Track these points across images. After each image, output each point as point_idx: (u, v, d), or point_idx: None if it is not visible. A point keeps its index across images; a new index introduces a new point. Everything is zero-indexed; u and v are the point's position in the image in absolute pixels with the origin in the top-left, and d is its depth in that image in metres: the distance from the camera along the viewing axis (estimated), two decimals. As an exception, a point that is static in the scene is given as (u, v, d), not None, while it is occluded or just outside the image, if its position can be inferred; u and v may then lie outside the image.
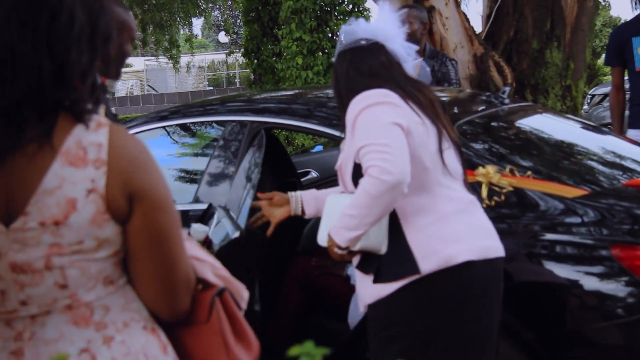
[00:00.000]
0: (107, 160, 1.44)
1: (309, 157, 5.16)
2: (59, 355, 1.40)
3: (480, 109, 3.75)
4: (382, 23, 2.58)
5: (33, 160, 1.41)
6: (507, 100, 3.98)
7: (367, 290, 2.44)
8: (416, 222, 2.38)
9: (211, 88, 28.09)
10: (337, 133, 3.26)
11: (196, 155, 4.26)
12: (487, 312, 2.40)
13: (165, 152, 4.31)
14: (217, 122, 4.01)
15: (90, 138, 1.45)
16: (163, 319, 1.60)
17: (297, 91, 4.74)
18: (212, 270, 1.67)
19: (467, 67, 6.38)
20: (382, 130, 2.30)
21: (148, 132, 4.03)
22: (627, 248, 2.72)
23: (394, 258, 2.37)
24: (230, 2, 21.22)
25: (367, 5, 11.02)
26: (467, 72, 6.38)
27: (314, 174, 5.02)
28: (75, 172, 1.43)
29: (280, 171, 4.18)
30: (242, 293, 1.73)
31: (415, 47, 2.64)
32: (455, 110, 3.63)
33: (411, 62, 2.58)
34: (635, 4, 19.16)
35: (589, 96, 11.26)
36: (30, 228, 1.42)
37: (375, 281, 2.40)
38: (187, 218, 3.50)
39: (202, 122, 4.09)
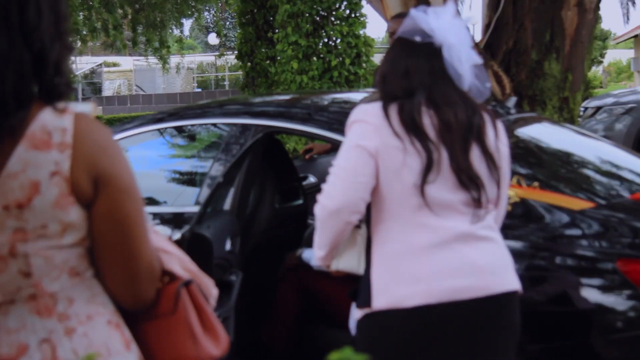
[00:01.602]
0: (72, 144, 1.45)
1: (307, 162, 5.13)
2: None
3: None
4: (446, 24, 2.29)
5: None
6: (513, 111, 3.96)
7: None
8: (384, 249, 2.25)
9: (200, 90, 27.99)
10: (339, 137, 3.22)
11: (199, 157, 4.24)
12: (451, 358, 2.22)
13: (162, 153, 4.28)
14: (220, 124, 4.00)
15: (55, 123, 1.46)
16: (126, 308, 1.59)
17: (304, 95, 4.70)
18: (180, 263, 1.67)
19: (466, 77, 6.37)
20: (345, 152, 2.25)
21: (143, 135, 4.01)
22: (633, 262, 2.71)
23: (362, 285, 2.30)
24: (221, 4, 21.14)
25: (364, 11, 11.01)
26: (466, 82, 6.37)
27: (312, 179, 5.00)
28: (39, 156, 1.43)
29: (283, 176, 4.15)
30: (211, 289, 1.74)
31: (481, 61, 2.34)
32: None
33: (468, 77, 2.28)
34: (627, 18, 19.30)
35: (582, 109, 11.31)
36: None
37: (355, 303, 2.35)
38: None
39: (206, 124, 4.05)
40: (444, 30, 2.27)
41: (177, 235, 3.07)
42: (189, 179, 4.10)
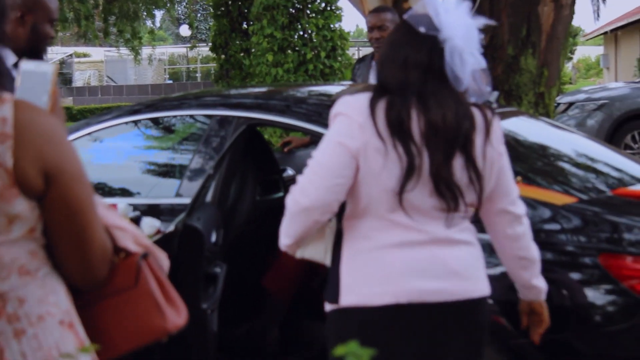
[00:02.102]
0: (13, 134, 1.40)
1: (285, 155, 5.11)
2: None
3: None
4: (456, 22, 2.13)
5: None
6: (495, 105, 3.97)
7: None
8: (354, 245, 2.19)
9: (171, 82, 27.83)
10: (320, 129, 3.20)
11: (177, 149, 4.20)
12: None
13: (139, 145, 4.25)
14: (199, 116, 3.98)
15: None
16: (81, 289, 1.58)
17: (281, 88, 4.70)
18: (134, 238, 1.66)
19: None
20: (326, 147, 2.14)
21: (120, 127, 3.98)
22: (614, 257, 2.73)
23: (330, 280, 2.23)
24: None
25: (339, 4, 11.01)
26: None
27: (290, 172, 4.99)
28: None
29: (263, 167, 4.14)
30: (165, 261, 1.75)
31: (484, 65, 2.18)
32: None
33: (466, 80, 2.13)
34: (597, 15, 19.55)
35: (554, 104, 11.42)
36: None
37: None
38: (172, 212, 3.46)
39: (183, 116, 4.02)
40: (453, 28, 2.12)
41: (171, 227, 3.04)
42: (168, 171, 4.06)
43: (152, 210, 3.53)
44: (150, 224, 3.16)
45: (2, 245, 1.44)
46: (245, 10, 12.54)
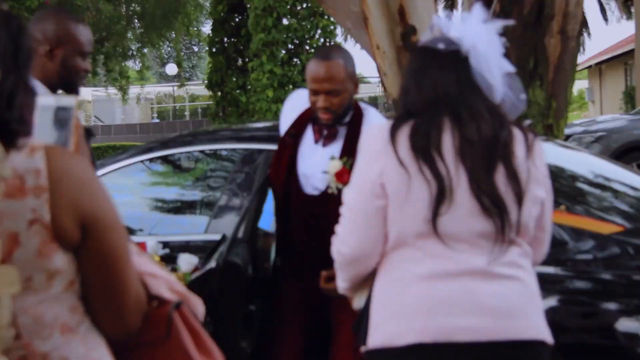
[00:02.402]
0: (49, 187, 1.36)
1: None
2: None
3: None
4: (474, 29, 2.05)
5: None
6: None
7: None
8: (384, 278, 2.04)
9: (158, 120, 27.84)
10: None
11: (202, 185, 4.17)
12: None
13: (157, 181, 4.22)
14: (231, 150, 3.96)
15: (26, 164, 1.36)
16: (115, 339, 1.54)
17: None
18: (167, 285, 1.62)
19: (452, 103, 6.39)
20: (352, 188, 2.06)
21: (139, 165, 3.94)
22: None
23: (362, 319, 2.10)
24: (184, 35, 21.11)
25: (338, 40, 11.06)
26: (452, 108, 6.38)
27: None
28: (13, 204, 1.33)
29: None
30: (199, 308, 1.68)
31: (513, 69, 2.11)
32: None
33: (500, 87, 2.04)
34: (583, 48, 19.74)
35: (553, 137, 11.53)
36: None
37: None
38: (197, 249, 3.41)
39: (215, 150, 3.99)
40: (472, 36, 2.03)
41: (212, 263, 2.97)
42: (195, 207, 4.02)
43: (183, 248, 3.47)
44: (188, 260, 3.12)
45: (42, 303, 1.39)
46: (242, 47, 12.57)
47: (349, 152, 2.87)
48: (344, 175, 2.87)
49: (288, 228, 3.05)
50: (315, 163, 2.96)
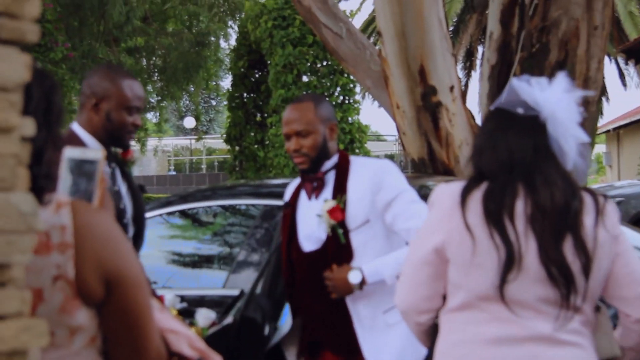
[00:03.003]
0: (74, 243, 1.37)
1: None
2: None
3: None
4: (554, 97, 2.07)
5: None
6: None
7: None
8: (449, 339, 2.09)
9: (175, 173, 28.00)
10: None
11: (220, 240, 4.17)
12: None
13: (176, 235, 4.23)
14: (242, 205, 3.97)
15: (52, 220, 1.37)
16: None
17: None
18: (188, 342, 1.62)
19: (471, 164, 6.38)
20: (414, 244, 2.16)
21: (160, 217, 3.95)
22: None
23: None
24: (203, 89, 21.35)
25: (357, 97, 11.12)
26: (472, 169, 6.38)
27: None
28: (38, 260, 1.34)
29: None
30: None
31: (588, 140, 2.13)
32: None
33: (573, 155, 2.05)
34: (601, 113, 19.81)
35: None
36: None
37: None
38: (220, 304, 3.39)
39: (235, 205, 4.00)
40: (552, 103, 2.06)
41: (229, 318, 2.96)
42: (212, 262, 4.01)
43: (199, 302, 3.46)
44: (206, 315, 3.12)
45: (63, 359, 1.39)
46: (261, 103, 12.70)
47: (341, 192, 2.91)
48: (336, 212, 2.88)
49: (294, 293, 3.03)
50: (314, 218, 2.97)
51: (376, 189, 2.87)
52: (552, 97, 2.07)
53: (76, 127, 2.82)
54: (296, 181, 3.14)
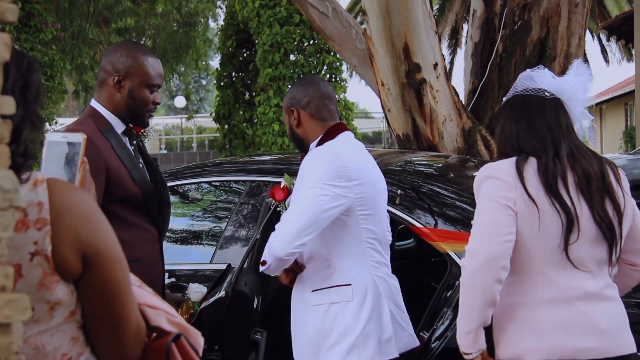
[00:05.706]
0: (50, 220, 1.38)
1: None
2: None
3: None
4: (573, 81, 2.44)
5: None
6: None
7: None
8: (507, 301, 2.31)
9: (166, 152, 27.97)
10: None
11: (207, 216, 4.23)
12: None
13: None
14: (231, 182, 4.03)
15: (28, 198, 1.37)
16: None
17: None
18: (167, 317, 1.63)
19: (455, 140, 6.48)
20: (483, 207, 2.31)
21: None
22: None
23: (486, 332, 2.33)
24: (193, 68, 21.31)
25: (344, 76, 11.19)
26: (455, 145, 6.47)
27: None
28: (16, 237, 1.34)
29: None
30: (199, 340, 1.69)
31: (592, 118, 2.52)
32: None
33: (592, 133, 2.51)
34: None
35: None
36: None
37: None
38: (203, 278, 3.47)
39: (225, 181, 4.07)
40: (570, 87, 2.41)
41: (221, 293, 3.04)
42: (199, 238, 4.08)
43: (189, 277, 3.53)
44: (197, 289, 3.13)
45: (43, 334, 1.41)
46: (249, 82, 12.73)
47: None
48: (278, 191, 2.99)
49: None
50: None
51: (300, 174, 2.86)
52: (570, 82, 2.42)
53: (95, 104, 2.78)
54: None
